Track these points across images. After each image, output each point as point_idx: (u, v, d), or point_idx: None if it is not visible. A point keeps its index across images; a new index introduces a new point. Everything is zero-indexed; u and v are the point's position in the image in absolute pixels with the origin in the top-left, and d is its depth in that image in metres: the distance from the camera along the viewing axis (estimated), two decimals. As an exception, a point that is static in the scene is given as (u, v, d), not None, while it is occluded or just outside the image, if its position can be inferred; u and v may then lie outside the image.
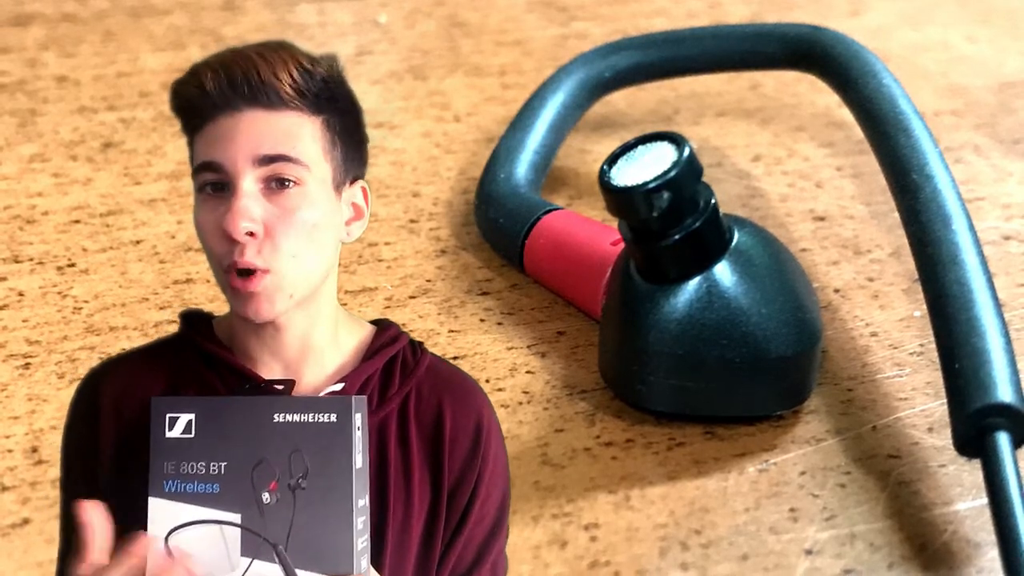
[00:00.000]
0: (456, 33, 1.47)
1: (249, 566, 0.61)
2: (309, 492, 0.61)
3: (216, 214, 0.62)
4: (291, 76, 0.63)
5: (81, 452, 0.66)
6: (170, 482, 0.62)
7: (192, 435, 0.62)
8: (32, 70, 1.33)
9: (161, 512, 0.62)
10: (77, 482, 0.66)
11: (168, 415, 0.62)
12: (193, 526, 0.62)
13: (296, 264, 0.62)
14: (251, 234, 0.61)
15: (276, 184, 0.62)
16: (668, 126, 1.22)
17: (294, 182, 0.62)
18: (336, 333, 0.66)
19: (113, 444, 0.65)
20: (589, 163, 1.17)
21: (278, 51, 0.64)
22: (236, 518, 0.61)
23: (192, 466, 0.62)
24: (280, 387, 0.64)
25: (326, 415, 0.62)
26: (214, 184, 0.62)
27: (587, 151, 1.19)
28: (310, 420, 0.62)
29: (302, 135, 0.63)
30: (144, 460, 0.63)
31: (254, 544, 0.61)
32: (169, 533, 0.62)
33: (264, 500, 0.61)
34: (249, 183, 0.61)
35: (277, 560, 0.61)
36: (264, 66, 0.62)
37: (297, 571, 0.61)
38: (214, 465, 0.62)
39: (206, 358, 0.66)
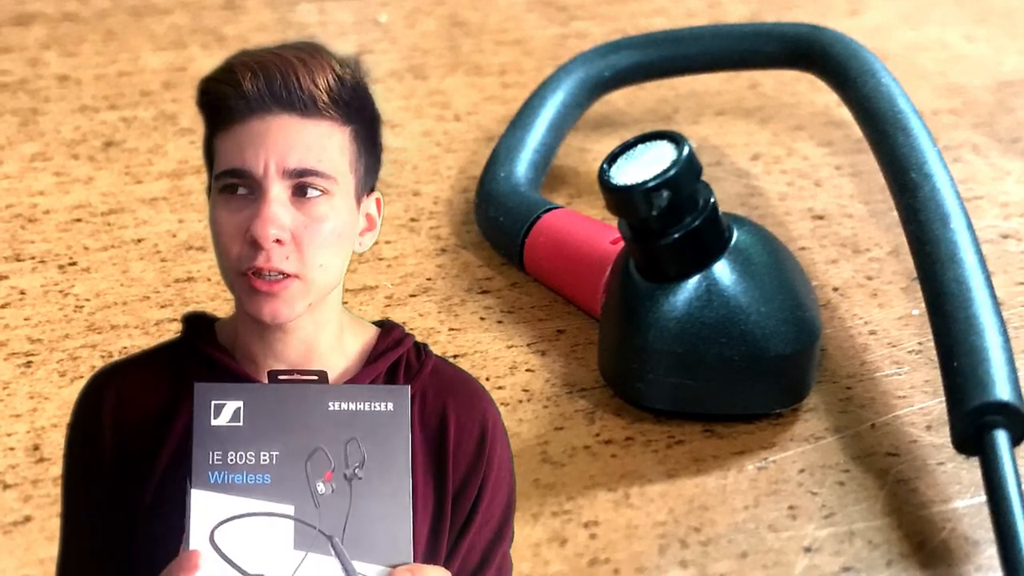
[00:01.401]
0: (456, 32, 1.47)
1: (303, 560, 0.59)
2: (365, 481, 0.60)
3: (239, 217, 0.61)
4: (328, 84, 0.61)
5: (83, 460, 0.65)
6: (216, 473, 0.59)
7: (240, 423, 0.60)
8: (34, 69, 1.34)
9: (205, 505, 0.59)
10: (78, 491, 0.65)
11: (214, 402, 0.60)
12: (241, 519, 0.59)
13: (323, 273, 0.61)
14: (278, 241, 0.60)
15: (304, 192, 0.61)
16: (667, 125, 1.22)
17: (322, 192, 0.61)
18: (340, 336, 0.65)
19: (114, 451, 0.63)
20: (589, 162, 1.17)
21: (315, 56, 0.62)
22: (289, 510, 0.59)
23: (241, 456, 0.60)
24: (314, 378, 0.62)
25: (383, 403, 0.60)
26: (237, 187, 0.61)
27: (587, 150, 1.19)
28: (366, 408, 0.60)
29: (332, 146, 0.62)
30: (149, 469, 0.62)
31: (308, 537, 0.59)
32: (215, 527, 0.59)
33: (319, 491, 0.59)
34: (278, 189, 0.60)
35: (333, 552, 0.59)
36: (304, 71, 0.61)
37: (353, 563, 0.59)
38: (264, 454, 0.60)
39: (209, 363, 0.64)
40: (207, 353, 0.64)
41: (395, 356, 0.65)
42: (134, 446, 0.63)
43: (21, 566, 0.73)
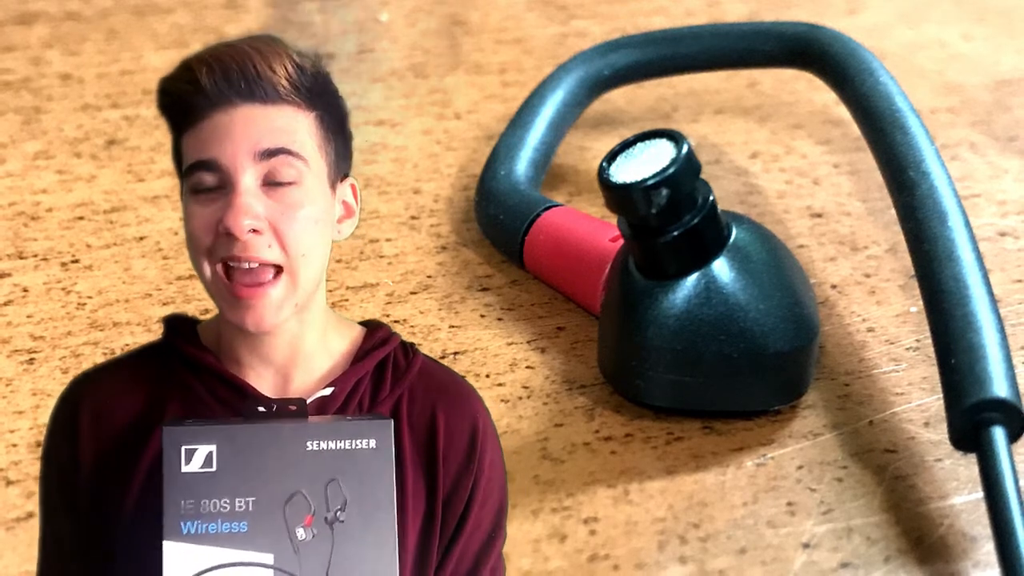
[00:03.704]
0: (457, 31, 1.48)
1: None
2: (348, 524, 0.57)
3: (210, 210, 0.60)
4: (286, 70, 0.60)
5: (60, 473, 0.63)
6: (189, 522, 0.56)
7: (213, 468, 0.57)
8: (36, 68, 1.34)
9: (179, 557, 0.56)
10: (56, 504, 0.63)
11: (184, 447, 0.57)
12: (217, 570, 0.56)
13: (306, 264, 0.60)
14: (255, 231, 0.59)
15: (275, 181, 0.59)
16: (667, 123, 1.23)
17: (293, 180, 0.60)
18: (325, 336, 0.64)
19: (93, 463, 0.61)
20: (588, 160, 1.18)
21: (270, 45, 0.61)
22: (268, 559, 0.56)
23: (215, 504, 0.57)
24: (292, 407, 0.60)
25: (365, 440, 0.58)
26: (208, 184, 0.60)
27: (586, 148, 1.20)
28: (347, 447, 0.58)
29: (299, 130, 0.60)
30: (129, 480, 0.60)
31: None
32: None
33: (299, 536, 0.57)
34: (249, 179, 0.59)
35: None
36: (259, 59, 0.60)
37: None
38: (240, 501, 0.57)
39: (191, 365, 0.63)
40: (189, 354, 0.63)
41: (382, 355, 0.64)
42: (114, 453, 0.61)
43: (24, 562, 0.74)
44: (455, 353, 0.91)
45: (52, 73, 1.33)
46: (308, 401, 0.61)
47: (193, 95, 0.60)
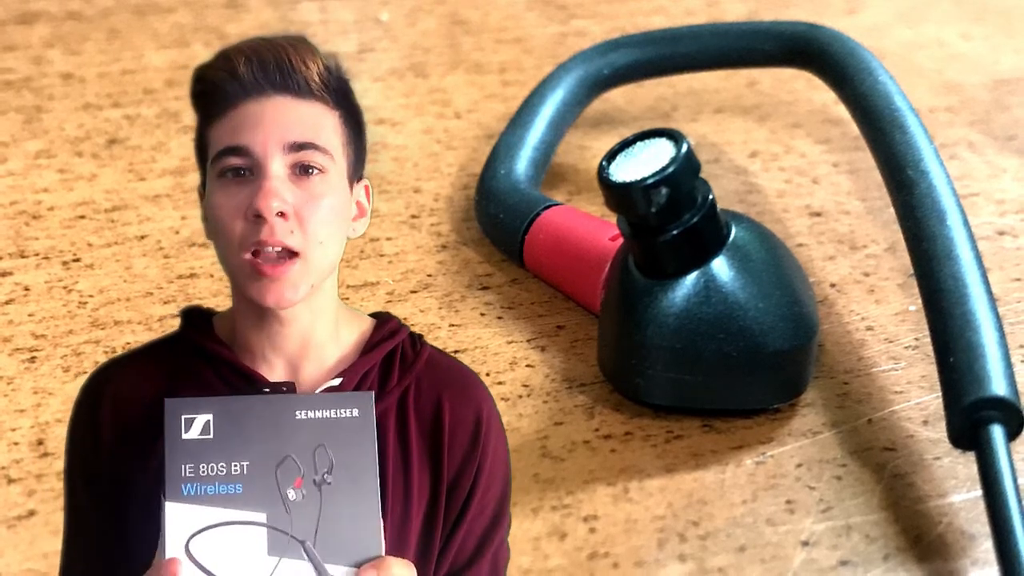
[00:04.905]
0: (457, 31, 1.48)
1: (277, 565, 0.60)
2: (334, 486, 0.61)
3: (239, 198, 0.62)
4: (318, 67, 0.63)
5: (83, 457, 0.65)
6: (188, 485, 0.60)
7: (211, 436, 0.61)
8: (38, 67, 1.34)
9: (180, 517, 0.60)
10: (80, 488, 0.65)
11: (184, 416, 0.61)
12: (215, 529, 0.60)
13: (323, 251, 0.62)
14: (281, 215, 0.61)
15: (301, 171, 0.62)
16: (666, 123, 1.23)
17: (319, 170, 0.62)
18: (336, 327, 0.66)
19: (114, 447, 0.64)
20: (588, 159, 1.18)
21: (303, 43, 0.64)
22: (262, 517, 0.60)
23: (212, 467, 0.61)
24: (283, 389, 0.64)
25: (348, 410, 0.62)
26: (237, 169, 0.62)
27: (586, 147, 1.20)
28: (333, 416, 0.62)
29: (326, 126, 0.63)
30: (145, 462, 0.63)
31: (281, 543, 0.60)
32: (191, 537, 0.60)
33: (290, 497, 0.61)
34: (278, 166, 0.61)
35: (306, 556, 0.60)
36: (294, 54, 0.63)
37: (326, 565, 0.60)
38: (236, 465, 0.61)
39: (206, 356, 0.65)
40: (204, 346, 0.65)
41: (390, 346, 0.66)
42: (133, 437, 0.63)
43: (25, 560, 0.74)
44: (455, 351, 0.91)
45: (53, 72, 1.33)
46: (317, 391, 0.64)
47: (229, 82, 0.62)
